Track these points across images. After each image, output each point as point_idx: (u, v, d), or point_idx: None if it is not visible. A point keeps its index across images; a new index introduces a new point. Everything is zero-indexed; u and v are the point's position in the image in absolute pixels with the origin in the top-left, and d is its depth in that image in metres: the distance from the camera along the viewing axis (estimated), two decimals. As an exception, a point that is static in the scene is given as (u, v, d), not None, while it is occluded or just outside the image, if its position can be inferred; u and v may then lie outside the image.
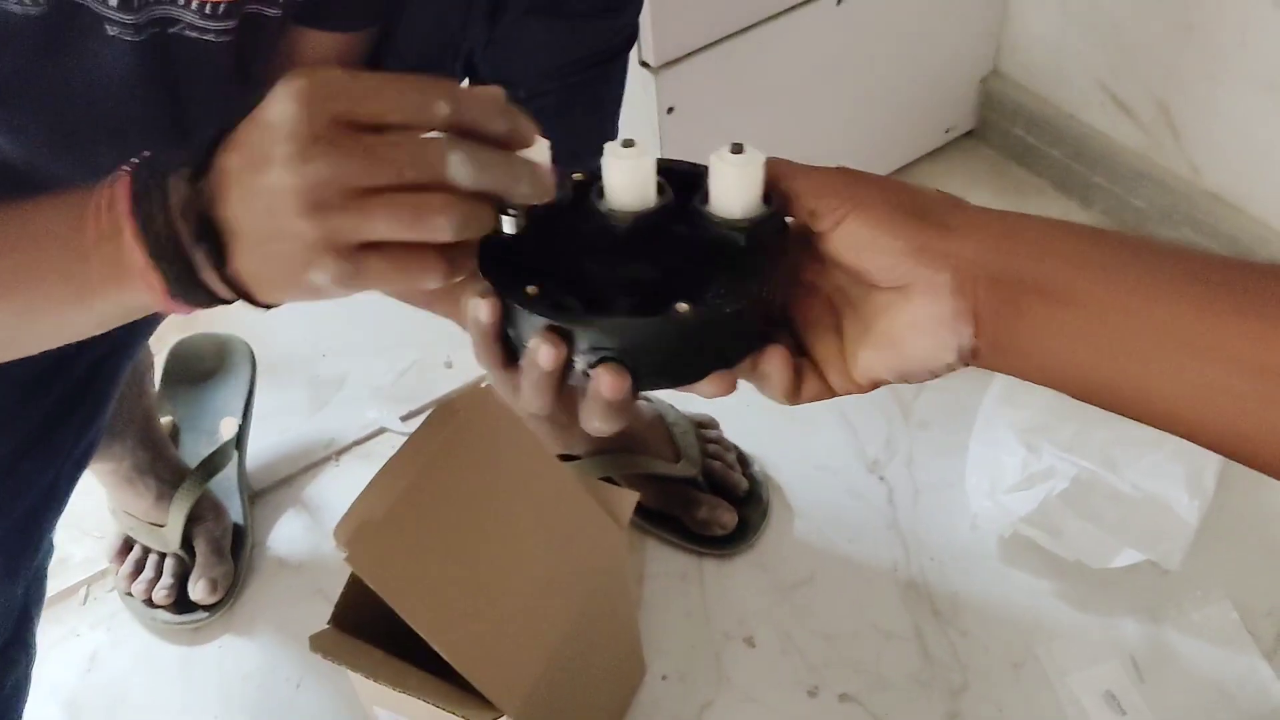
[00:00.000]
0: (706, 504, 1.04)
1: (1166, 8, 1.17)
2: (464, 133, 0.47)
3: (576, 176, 0.51)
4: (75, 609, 1.07)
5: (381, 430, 1.18)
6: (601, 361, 0.46)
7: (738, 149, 0.47)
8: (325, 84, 0.46)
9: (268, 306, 0.50)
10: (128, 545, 1.06)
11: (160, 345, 1.20)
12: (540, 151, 0.48)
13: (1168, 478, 1.00)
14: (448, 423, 0.77)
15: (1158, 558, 0.95)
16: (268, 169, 0.45)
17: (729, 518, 1.04)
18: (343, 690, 0.96)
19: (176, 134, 0.64)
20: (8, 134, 0.63)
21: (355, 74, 0.47)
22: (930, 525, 1.05)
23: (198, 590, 1.02)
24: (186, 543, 1.04)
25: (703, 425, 1.10)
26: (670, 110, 1.10)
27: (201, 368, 1.18)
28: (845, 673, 0.96)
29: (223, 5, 0.58)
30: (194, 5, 0.58)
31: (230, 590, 1.04)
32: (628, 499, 0.85)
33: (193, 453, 1.11)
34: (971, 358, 0.47)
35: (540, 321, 0.46)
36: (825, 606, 1.01)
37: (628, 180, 0.49)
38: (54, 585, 1.06)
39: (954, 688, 0.95)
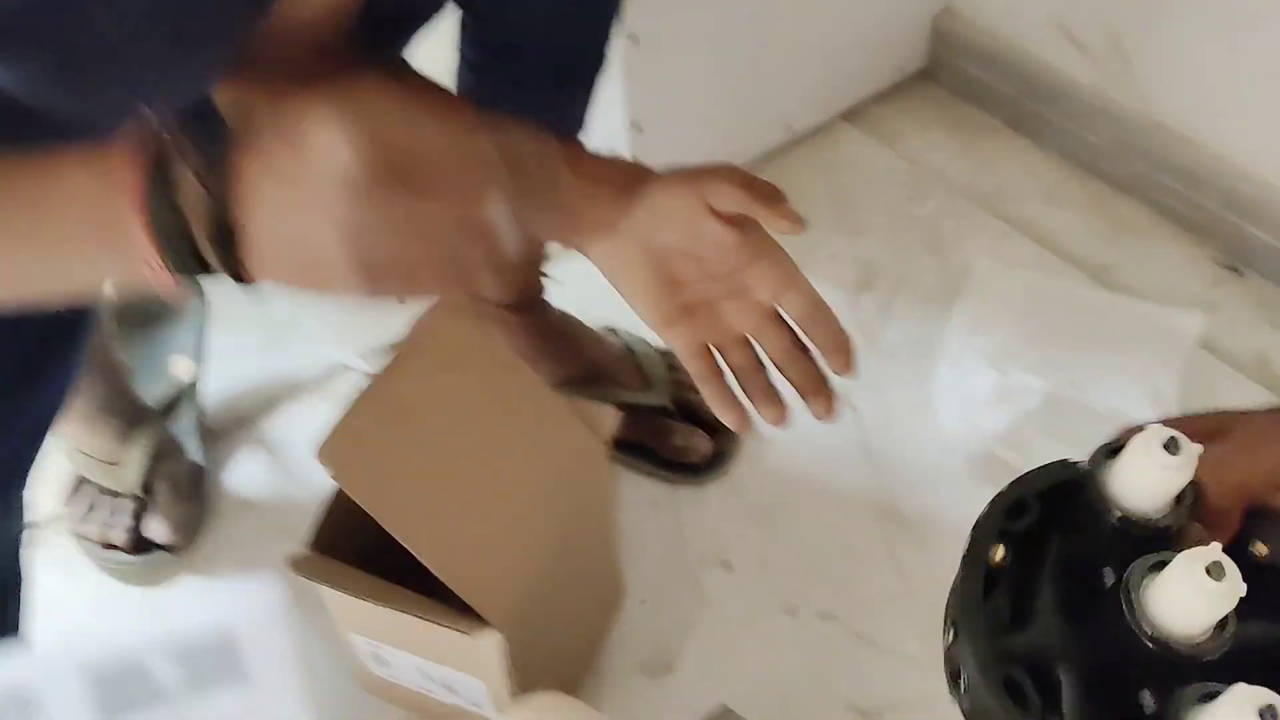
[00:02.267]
0: (681, 432, 1.04)
1: (1120, -60, 1.19)
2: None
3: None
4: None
5: (340, 367, 1.15)
6: None
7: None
8: (378, 133, 0.44)
9: None
10: (79, 485, 1.02)
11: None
12: None
13: (1132, 396, 1.02)
14: (426, 343, 0.76)
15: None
16: (313, 213, 0.45)
17: (704, 445, 1.03)
18: (314, 625, 0.94)
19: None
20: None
21: (409, 118, 0.45)
22: (901, 449, 1.05)
23: (159, 531, 0.99)
24: (144, 483, 1.01)
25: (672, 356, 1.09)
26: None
27: (153, 308, 1.15)
28: (823, 592, 0.96)
29: None
30: None
31: (192, 531, 1.01)
32: (609, 415, 0.84)
33: (147, 393, 1.07)
34: None
35: None
36: (800, 530, 1.00)
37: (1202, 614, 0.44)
38: None
39: (931, 604, 0.95)
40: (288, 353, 1.16)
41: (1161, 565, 0.44)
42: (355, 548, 0.79)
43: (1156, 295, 1.17)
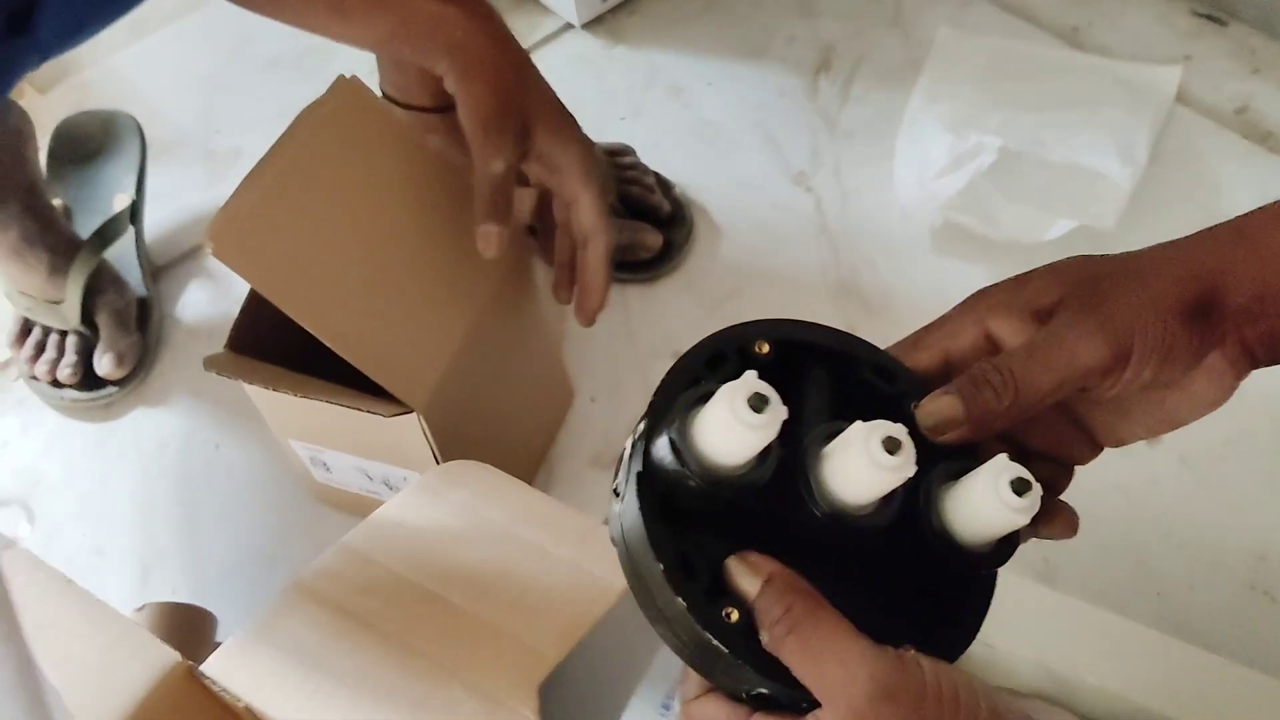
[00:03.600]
0: (628, 229, 1.00)
1: None
2: None
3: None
4: (-19, 402, 1.02)
5: (286, 197, 1.12)
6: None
7: (1023, 487, 0.38)
8: None
9: None
10: (26, 328, 1.01)
11: (42, 129, 1.13)
12: None
13: (1099, 152, 0.96)
14: (316, 117, 0.72)
15: (1090, 220, 0.92)
16: None
17: (653, 239, 0.99)
18: (264, 443, 0.93)
19: None
20: None
21: None
22: (859, 227, 1.01)
23: (104, 365, 0.98)
24: (88, 319, 0.99)
25: (616, 154, 1.05)
26: None
27: (89, 147, 1.12)
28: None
29: None
30: None
31: (139, 363, 1.00)
32: (526, 196, 0.80)
33: (87, 231, 1.05)
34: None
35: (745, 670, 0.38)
36: (754, 315, 0.97)
37: (868, 486, 0.39)
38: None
39: (890, 379, 0.92)
40: (228, 187, 1.12)
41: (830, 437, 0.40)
42: (279, 350, 0.77)
43: (1130, 54, 1.10)
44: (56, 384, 0.99)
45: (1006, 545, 0.41)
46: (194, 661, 0.48)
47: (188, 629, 0.76)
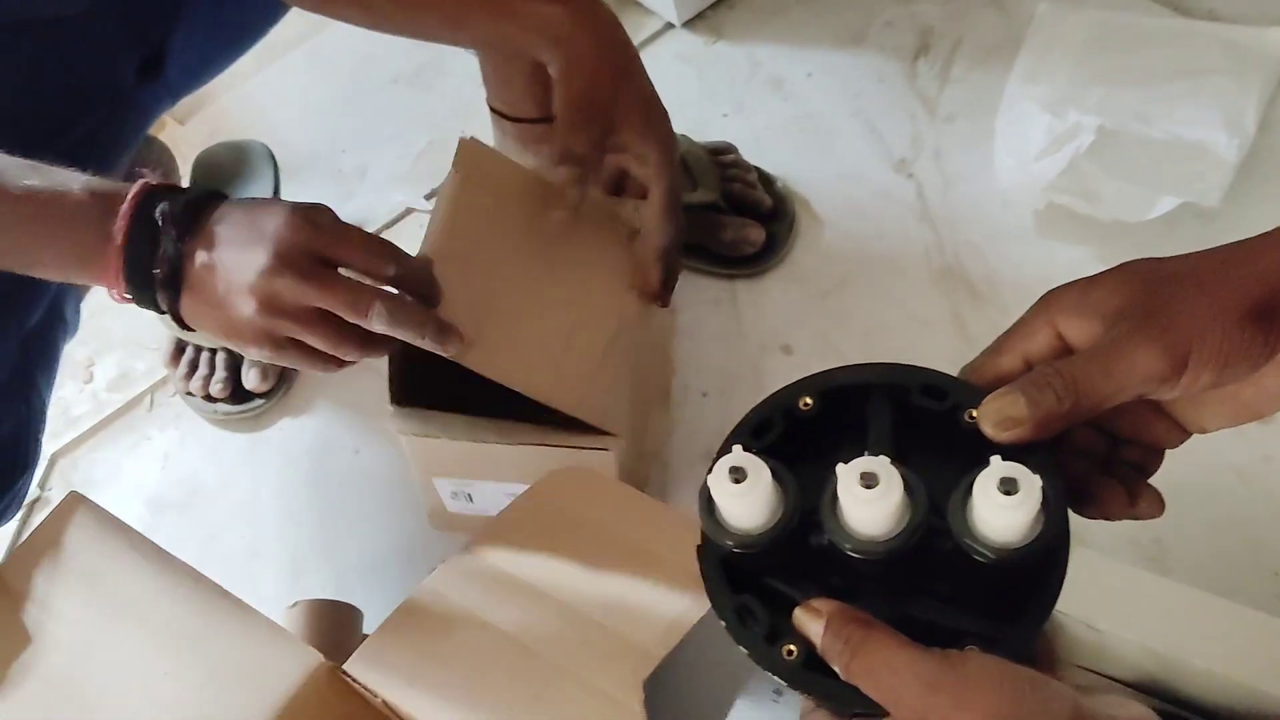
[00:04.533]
0: (731, 225, 1.03)
1: None
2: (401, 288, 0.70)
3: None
4: (144, 416, 1.11)
5: (409, 211, 1.18)
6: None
7: (1011, 487, 0.41)
8: (317, 224, 0.67)
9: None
10: (180, 348, 1.09)
11: (183, 159, 1.22)
12: None
13: (1203, 123, 0.95)
14: (456, 187, 0.78)
15: (1195, 198, 0.91)
16: (246, 268, 0.65)
17: (756, 234, 1.02)
18: (400, 451, 0.99)
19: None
20: None
21: (341, 223, 0.69)
22: (962, 211, 1.02)
23: (251, 379, 1.05)
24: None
25: (718, 152, 1.07)
26: None
27: (226, 175, 1.19)
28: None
29: None
30: None
31: (281, 375, 1.07)
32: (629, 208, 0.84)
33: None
34: None
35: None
36: (861, 306, 0.99)
37: (870, 516, 0.43)
38: (120, 399, 1.11)
39: (996, 362, 0.93)
40: (357, 203, 1.20)
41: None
42: (432, 391, 0.81)
43: (1240, 16, 1.08)
44: (210, 399, 1.07)
45: (1044, 542, 0.42)
46: (344, 653, 0.54)
47: (336, 624, 0.83)
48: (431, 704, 0.50)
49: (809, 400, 0.46)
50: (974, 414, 0.44)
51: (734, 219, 1.03)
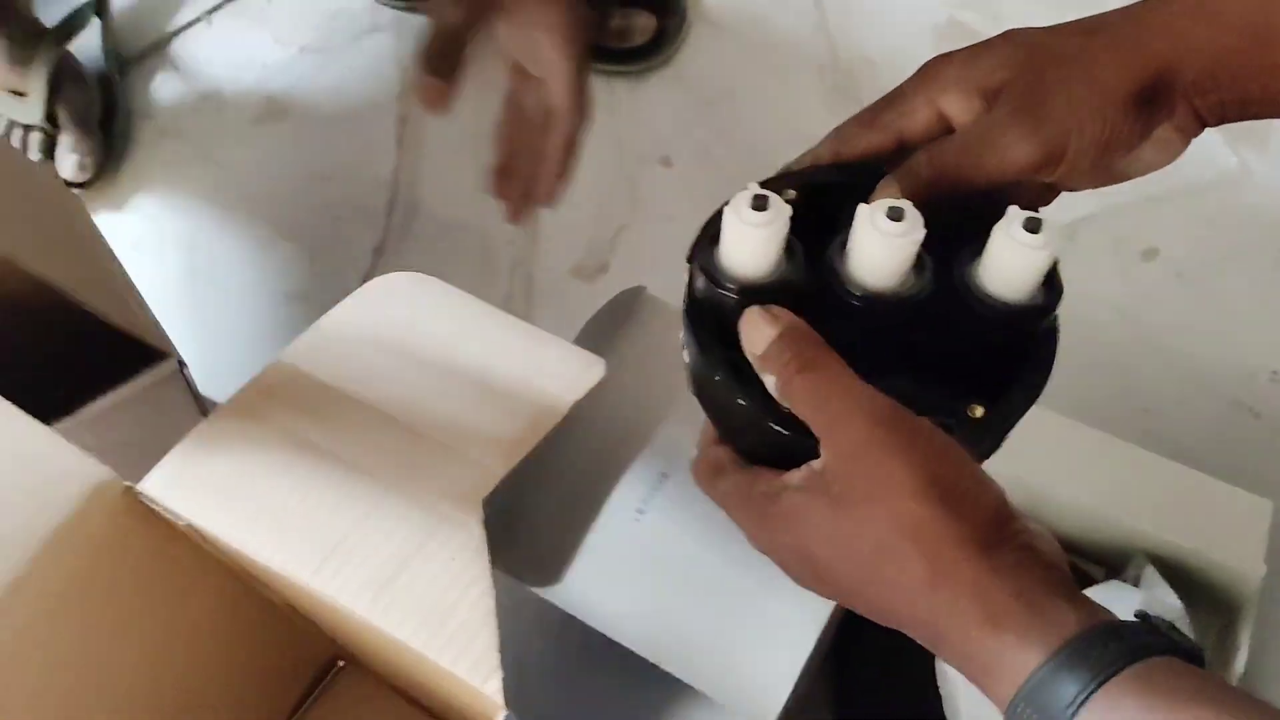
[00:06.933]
0: (619, 13, 0.94)
1: None
2: None
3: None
4: (-49, 199, 1.00)
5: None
6: None
7: (1034, 225, 0.39)
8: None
9: None
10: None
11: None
12: None
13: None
14: None
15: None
16: None
17: (645, 22, 0.94)
18: (242, 241, 0.91)
19: None
20: None
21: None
22: (861, 25, 0.95)
23: (66, 168, 0.94)
24: (51, 115, 0.95)
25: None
26: None
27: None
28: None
29: None
30: None
31: (102, 165, 0.96)
32: None
33: (53, 21, 1.00)
34: None
35: None
36: (747, 119, 0.93)
37: (887, 258, 0.40)
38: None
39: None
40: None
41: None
42: None
43: None
44: (24, 182, 0.96)
45: (1050, 290, 0.41)
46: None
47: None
48: (247, 527, 0.45)
49: (792, 193, 0.43)
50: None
51: (624, 8, 0.94)
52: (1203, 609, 0.65)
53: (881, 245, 0.39)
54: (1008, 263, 0.40)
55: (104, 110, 0.98)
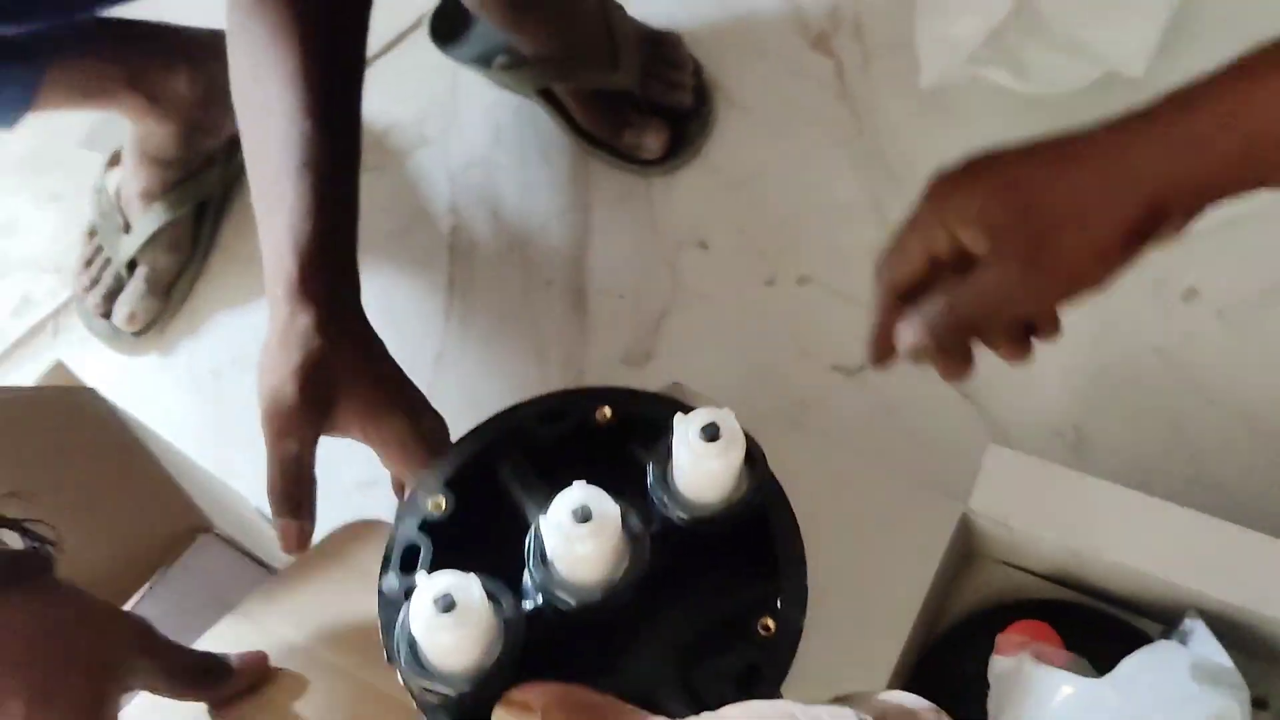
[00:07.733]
0: (633, 127, 0.97)
1: None
2: None
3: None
4: (49, 343, 1.07)
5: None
6: None
7: (713, 434, 0.39)
8: None
9: None
10: (89, 260, 1.05)
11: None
12: None
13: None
14: None
15: (1120, 65, 0.86)
16: None
17: (654, 143, 0.96)
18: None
19: None
20: None
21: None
22: (883, 92, 0.97)
23: (118, 315, 1.02)
24: (132, 263, 1.02)
25: (658, 40, 1.00)
26: None
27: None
28: (802, 255, 0.92)
29: None
30: None
31: (154, 322, 1.02)
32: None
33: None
34: None
35: None
36: (778, 195, 0.95)
37: (589, 553, 0.39)
38: (20, 326, 1.07)
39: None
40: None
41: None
42: None
43: None
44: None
45: (753, 469, 0.41)
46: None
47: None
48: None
49: (441, 502, 0.44)
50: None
51: (641, 119, 0.97)
52: (1258, 664, 0.64)
53: (579, 546, 0.39)
54: (696, 468, 0.40)
55: (172, 277, 1.04)
